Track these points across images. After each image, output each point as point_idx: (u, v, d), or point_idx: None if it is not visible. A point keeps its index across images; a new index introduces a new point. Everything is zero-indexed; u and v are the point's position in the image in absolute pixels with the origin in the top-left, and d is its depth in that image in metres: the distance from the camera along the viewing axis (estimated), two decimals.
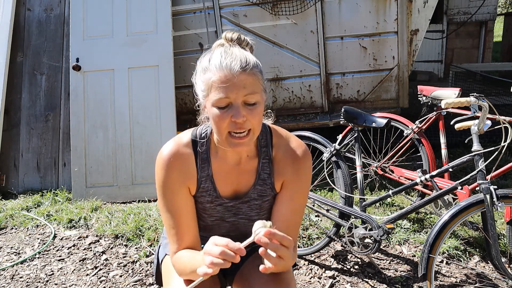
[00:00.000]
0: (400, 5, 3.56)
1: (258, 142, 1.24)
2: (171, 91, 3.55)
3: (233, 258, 0.96)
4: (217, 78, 1.04)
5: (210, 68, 1.06)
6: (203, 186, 1.23)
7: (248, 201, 1.26)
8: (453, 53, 7.49)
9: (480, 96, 1.90)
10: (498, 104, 4.40)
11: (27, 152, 3.86)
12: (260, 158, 1.24)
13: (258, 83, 1.07)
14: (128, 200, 3.50)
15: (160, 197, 1.20)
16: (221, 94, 1.04)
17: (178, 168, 1.18)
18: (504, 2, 14.46)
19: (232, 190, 1.26)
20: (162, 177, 1.18)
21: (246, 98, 1.05)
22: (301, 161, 1.22)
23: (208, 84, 1.07)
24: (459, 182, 2.02)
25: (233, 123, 1.06)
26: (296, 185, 1.23)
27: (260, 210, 1.28)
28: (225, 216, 1.28)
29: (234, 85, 1.03)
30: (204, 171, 1.22)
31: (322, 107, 3.88)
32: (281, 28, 3.72)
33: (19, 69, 3.95)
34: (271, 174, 1.24)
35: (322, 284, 2.31)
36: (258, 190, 1.25)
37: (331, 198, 3.28)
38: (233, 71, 1.03)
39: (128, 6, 3.61)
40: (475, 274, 2.35)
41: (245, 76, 1.04)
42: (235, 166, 1.23)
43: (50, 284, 2.42)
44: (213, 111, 1.07)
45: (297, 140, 1.26)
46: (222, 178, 1.24)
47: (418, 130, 2.88)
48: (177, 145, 1.20)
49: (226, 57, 1.05)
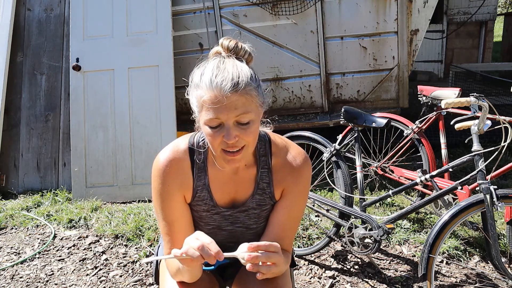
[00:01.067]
0: (400, 5, 3.56)
1: (256, 151, 1.22)
2: (171, 91, 3.55)
3: (208, 257, 0.97)
4: (207, 98, 1.00)
5: (201, 86, 1.03)
6: (198, 195, 1.21)
7: (246, 210, 1.25)
8: (453, 53, 7.49)
9: (480, 96, 1.90)
10: (498, 104, 4.40)
11: (27, 152, 3.86)
12: (259, 167, 1.22)
13: (251, 101, 1.03)
14: (128, 200, 3.50)
15: (156, 204, 1.19)
16: (211, 115, 1.01)
17: (174, 176, 1.17)
18: (504, 2, 14.46)
19: (230, 199, 1.24)
20: (158, 185, 1.17)
21: (238, 118, 1.02)
22: (300, 170, 1.21)
23: (199, 102, 1.04)
24: (459, 182, 2.02)
25: (225, 142, 1.04)
26: (296, 193, 1.22)
27: (258, 219, 1.27)
28: (222, 225, 1.27)
29: (225, 107, 0.99)
30: (200, 180, 1.20)
31: (322, 107, 3.88)
32: (281, 28, 3.72)
33: (19, 69, 3.95)
34: (271, 183, 1.22)
35: (322, 284, 2.31)
36: (257, 200, 1.23)
37: (331, 198, 3.28)
38: (223, 91, 0.99)
39: (128, 6, 3.61)
40: (475, 274, 2.35)
41: (236, 96, 1.00)
42: (233, 176, 1.22)
43: (50, 284, 2.42)
44: (206, 129, 1.05)
45: (296, 148, 1.24)
46: (219, 187, 1.22)
47: (418, 130, 2.88)
48: (174, 152, 1.18)
49: (217, 74, 1.01)
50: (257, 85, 1.05)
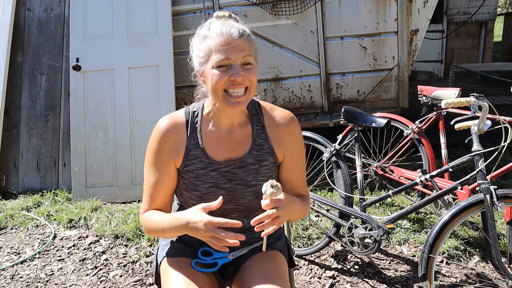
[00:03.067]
0: (400, 5, 3.56)
1: (249, 111, 1.33)
2: (171, 91, 3.55)
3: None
4: (218, 42, 1.16)
5: (210, 35, 1.18)
6: (192, 154, 1.29)
7: (244, 166, 1.30)
8: (453, 53, 7.49)
9: (480, 96, 1.90)
10: (498, 104, 4.40)
11: (27, 152, 3.86)
12: (254, 125, 1.32)
13: (252, 49, 1.20)
14: (128, 200, 3.50)
15: (147, 162, 1.30)
16: (222, 55, 1.15)
17: (170, 138, 1.28)
18: (504, 2, 14.46)
19: (227, 157, 1.30)
20: (155, 146, 1.29)
21: (244, 59, 1.17)
22: (292, 125, 1.34)
23: (208, 49, 1.18)
24: (459, 182, 2.02)
25: (231, 81, 1.16)
26: (295, 147, 1.35)
27: (257, 175, 1.30)
28: (220, 182, 1.29)
29: (234, 48, 1.16)
30: (193, 139, 1.29)
31: (322, 107, 3.88)
32: (281, 28, 3.72)
33: (19, 69, 3.95)
34: (267, 139, 1.32)
35: (322, 284, 2.31)
36: (254, 155, 1.31)
37: (331, 198, 3.28)
38: (233, 35, 1.16)
39: (128, 6, 3.61)
40: (475, 274, 2.35)
41: (242, 41, 1.17)
42: (228, 135, 1.30)
43: (50, 284, 2.42)
44: (213, 72, 1.17)
45: (282, 109, 1.38)
46: (213, 145, 1.30)
47: (418, 130, 2.88)
48: (171, 117, 1.31)
49: (225, 25, 1.18)
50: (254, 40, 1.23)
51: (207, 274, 1.32)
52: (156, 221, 1.25)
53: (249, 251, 1.37)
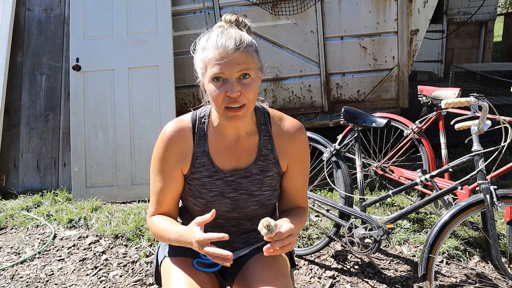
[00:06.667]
0: (400, 5, 3.56)
1: (257, 120, 1.31)
2: (171, 91, 3.55)
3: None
4: (213, 55, 1.13)
5: (207, 47, 1.15)
6: (198, 162, 1.28)
7: (249, 176, 1.30)
8: (453, 53, 7.50)
9: (480, 96, 1.90)
10: (498, 104, 4.40)
11: (27, 152, 3.86)
12: (261, 135, 1.30)
13: (252, 61, 1.15)
14: (128, 200, 3.50)
15: (154, 168, 1.29)
16: (216, 70, 1.12)
17: (176, 143, 1.27)
18: (504, 2, 14.47)
19: (232, 166, 1.30)
20: (161, 151, 1.27)
21: (240, 74, 1.13)
22: (299, 136, 1.32)
23: (205, 62, 1.15)
24: (459, 182, 2.02)
25: (228, 97, 1.13)
26: (300, 157, 1.33)
27: (262, 185, 1.31)
28: (225, 191, 1.29)
29: (229, 62, 1.11)
30: (200, 147, 1.28)
31: (322, 107, 3.88)
32: (281, 28, 3.72)
33: (19, 69, 3.95)
34: (273, 149, 1.31)
35: (322, 284, 2.31)
36: (259, 165, 1.30)
37: (331, 198, 3.28)
38: (227, 49, 1.12)
39: (128, 6, 3.61)
40: (475, 274, 2.35)
41: (239, 54, 1.12)
42: (234, 144, 1.29)
43: (50, 284, 2.42)
44: (210, 87, 1.15)
45: (291, 118, 1.36)
46: (220, 154, 1.29)
47: (418, 130, 2.88)
48: (178, 122, 1.29)
49: (222, 37, 1.14)
50: (256, 49, 1.18)
51: (208, 274, 1.32)
52: (165, 230, 1.25)
53: (251, 251, 1.37)
